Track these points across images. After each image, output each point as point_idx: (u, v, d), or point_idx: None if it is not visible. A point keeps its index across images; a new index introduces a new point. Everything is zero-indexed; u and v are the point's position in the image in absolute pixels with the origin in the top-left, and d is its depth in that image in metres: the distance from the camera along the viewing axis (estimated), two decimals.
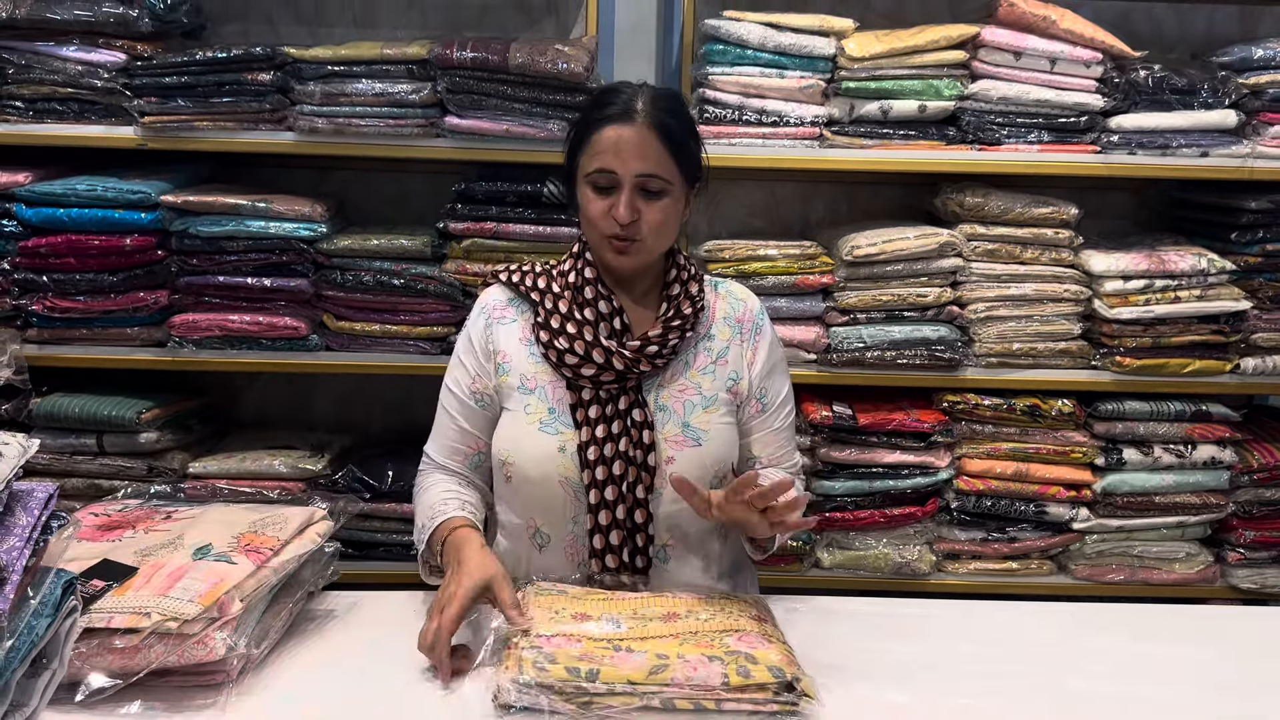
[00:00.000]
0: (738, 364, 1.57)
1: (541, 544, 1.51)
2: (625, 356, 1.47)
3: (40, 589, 0.98)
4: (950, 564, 2.42)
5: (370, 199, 2.59)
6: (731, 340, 1.58)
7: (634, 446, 1.46)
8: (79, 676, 1.14)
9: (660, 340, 1.50)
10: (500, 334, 1.55)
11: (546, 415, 1.49)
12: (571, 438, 1.47)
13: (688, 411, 1.51)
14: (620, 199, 1.45)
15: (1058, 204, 2.35)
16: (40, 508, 1.00)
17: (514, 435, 1.50)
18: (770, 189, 2.67)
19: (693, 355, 1.55)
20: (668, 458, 1.48)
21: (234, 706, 1.19)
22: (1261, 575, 2.40)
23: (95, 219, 2.23)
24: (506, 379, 1.52)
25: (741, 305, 1.62)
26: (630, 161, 1.44)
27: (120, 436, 2.31)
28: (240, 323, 2.28)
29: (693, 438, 1.50)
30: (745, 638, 1.26)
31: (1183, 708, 1.26)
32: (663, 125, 1.45)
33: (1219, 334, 2.34)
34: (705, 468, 1.49)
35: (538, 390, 1.50)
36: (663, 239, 1.50)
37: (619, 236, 1.46)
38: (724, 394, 1.55)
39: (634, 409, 1.48)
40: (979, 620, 1.52)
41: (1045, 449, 2.37)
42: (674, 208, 1.49)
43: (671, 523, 1.50)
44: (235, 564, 1.26)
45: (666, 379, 1.53)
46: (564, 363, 1.49)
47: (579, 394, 1.48)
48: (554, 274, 1.57)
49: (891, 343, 2.33)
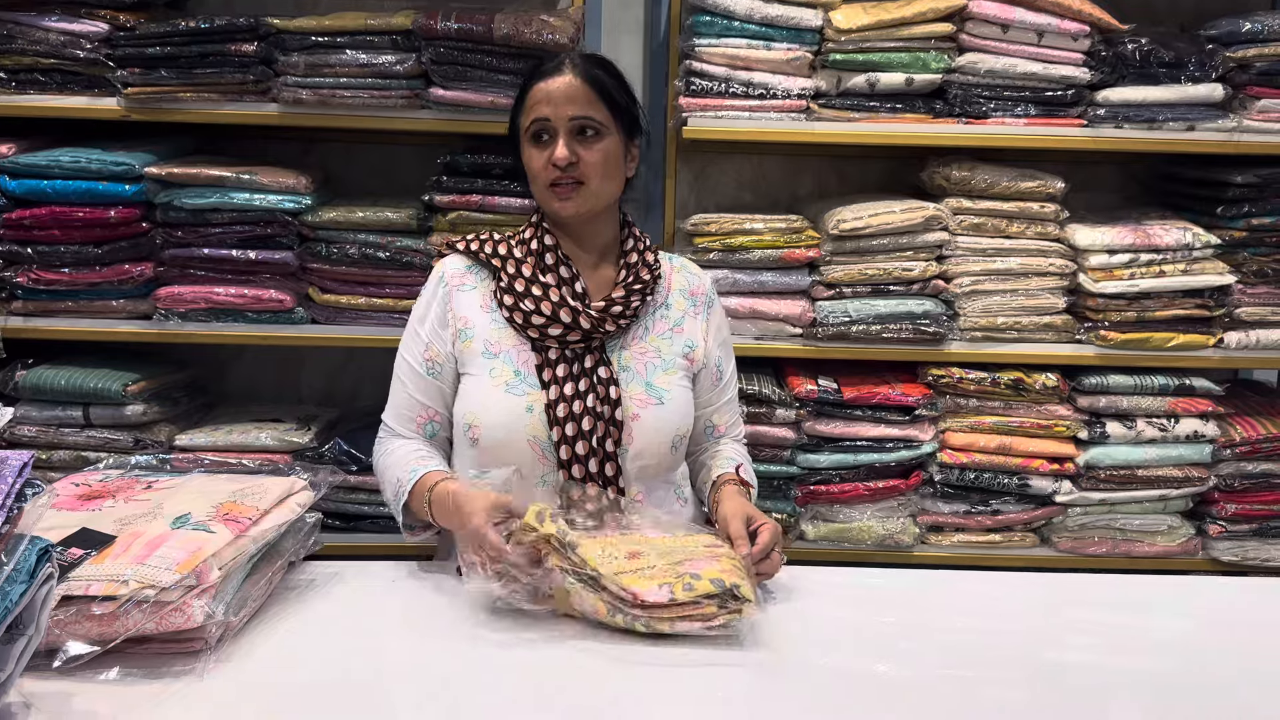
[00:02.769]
0: (693, 333, 1.64)
1: None
2: (591, 316, 1.53)
3: (14, 555, 0.99)
4: (933, 536, 2.44)
5: (355, 171, 2.58)
6: (687, 311, 1.65)
7: (601, 402, 1.51)
8: (57, 644, 1.15)
9: (624, 301, 1.56)
10: (461, 301, 1.58)
11: (512, 378, 1.53)
12: (538, 398, 1.51)
13: (649, 372, 1.58)
14: (557, 144, 1.52)
15: (1044, 177, 2.35)
16: (14, 475, 1.00)
17: (480, 398, 1.53)
18: (757, 162, 2.67)
19: (652, 321, 1.62)
20: (633, 415, 1.53)
21: (213, 673, 1.19)
22: (1242, 548, 2.42)
23: (79, 191, 2.23)
24: (470, 344, 1.55)
25: (696, 279, 1.70)
26: (562, 107, 1.52)
27: (106, 409, 2.31)
28: (226, 295, 2.28)
29: (655, 397, 1.56)
30: (695, 563, 1.32)
31: (1162, 678, 1.26)
32: (591, 75, 1.55)
33: (1203, 308, 2.35)
34: (667, 427, 1.56)
35: (502, 355, 1.54)
36: (605, 183, 1.55)
37: (560, 181, 1.52)
38: (681, 360, 1.62)
39: (599, 367, 1.53)
40: (960, 591, 1.53)
41: (1029, 423, 2.38)
42: (612, 151, 1.55)
43: (638, 477, 1.55)
44: (214, 533, 1.26)
45: (628, 341, 1.59)
46: (530, 324, 1.53)
47: (544, 355, 1.53)
48: (513, 242, 1.61)
49: (877, 317, 2.34)
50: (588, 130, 1.53)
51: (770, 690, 1.20)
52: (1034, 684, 1.24)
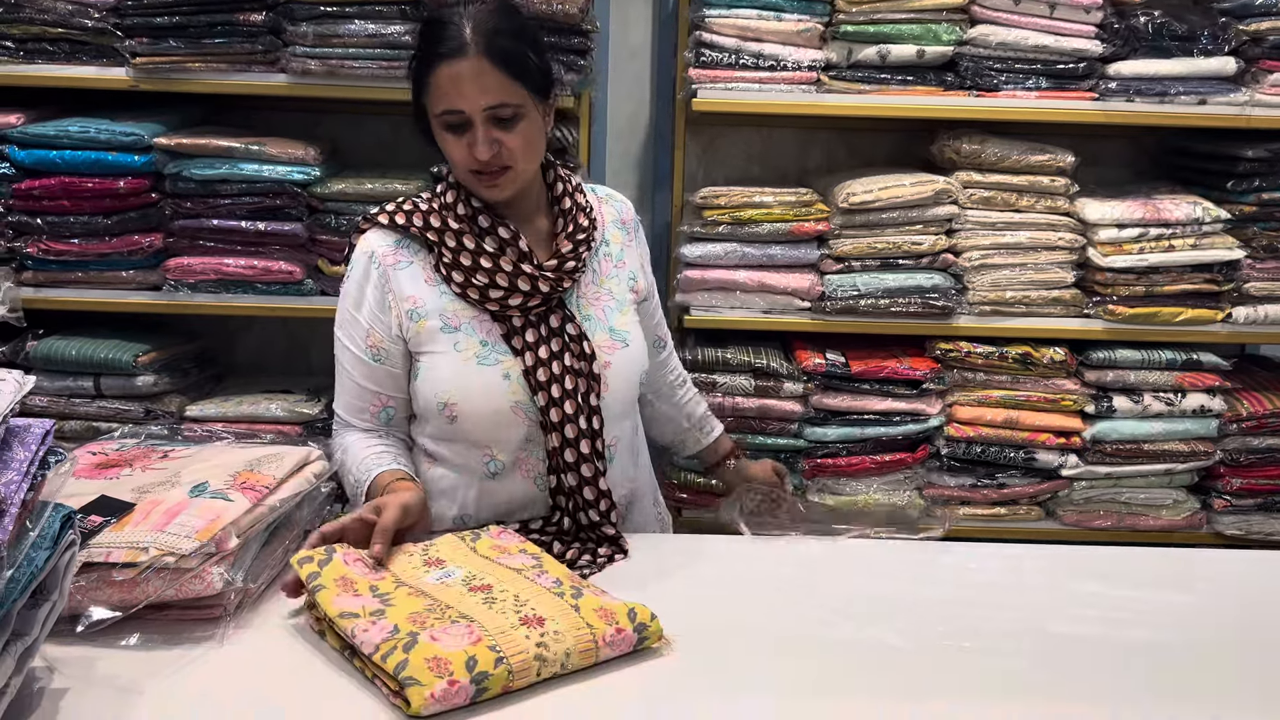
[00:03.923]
0: (633, 263, 1.63)
1: (495, 470, 1.52)
2: (549, 278, 1.48)
3: (39, 522, 1.00)
4: (939, 510, 2.45)
5: (364, 143, 2.57)
6: (624, 243, 1.64)
7: (577, 359, 1.49)
8: (79, 609, 1.16)
9: (574, 255, 1.52)
10: (400, 279, 1.49)
11: (480, 349, 1.48)
12: (513, 364, 1.47)
13: (609, 316, 1.56)
14: (475, 137, 1.41)
15: (1054, 151, 2.34)
16: (37, 443, 1.01)
17: (451, 375, 1.47)
18: (766, 135, 2.66)
19: (598, 263, 1.59)
20: (605, 363, 1.52)
21: (231, 639, 1.21)
22: (1247, 522, 2.43)
23: (88, 161, 2.22)
24: (425, 323, 1.48)
25: (622, 206, 1.67)
26: (474, 97, 1.40)
27: (117, 379, 2.32)
28: (235, 267, 2.29)
29: (620, 340, 1.56)
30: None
31: (1165, 651, 1.27)
32: (497, 50, 1.40)
33: (1212, 283, 2.35)
34: (635, 367, 1.56)
35: (463, 327, 1.49)
36: (529, 161, 1.48)
37: (485, 170, 1.44)
38: (629, 294, 1.61)
39: (566, 324, 1.50)
40: (965, 563, 1.54)
41: (1036, 396, 2.39)
42: (533, 127, 1.45)
43: (616, 424, 1.56)
44: (231, 501, 1.27)
45: (583, 290, 1.56)
46: (488, 298, 1.48)
47: (508, 323, 1.49)
48: (439, 208, 1.51)
49: (885, 291, 2.34)
50: (505, 116, 1.42)
51: (772, 661, 1.21)
52: (1036, 655, 1.25)
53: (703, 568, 1.48)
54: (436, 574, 1.28)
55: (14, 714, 1.02)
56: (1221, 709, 1.13)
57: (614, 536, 1.50)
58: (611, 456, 1.55)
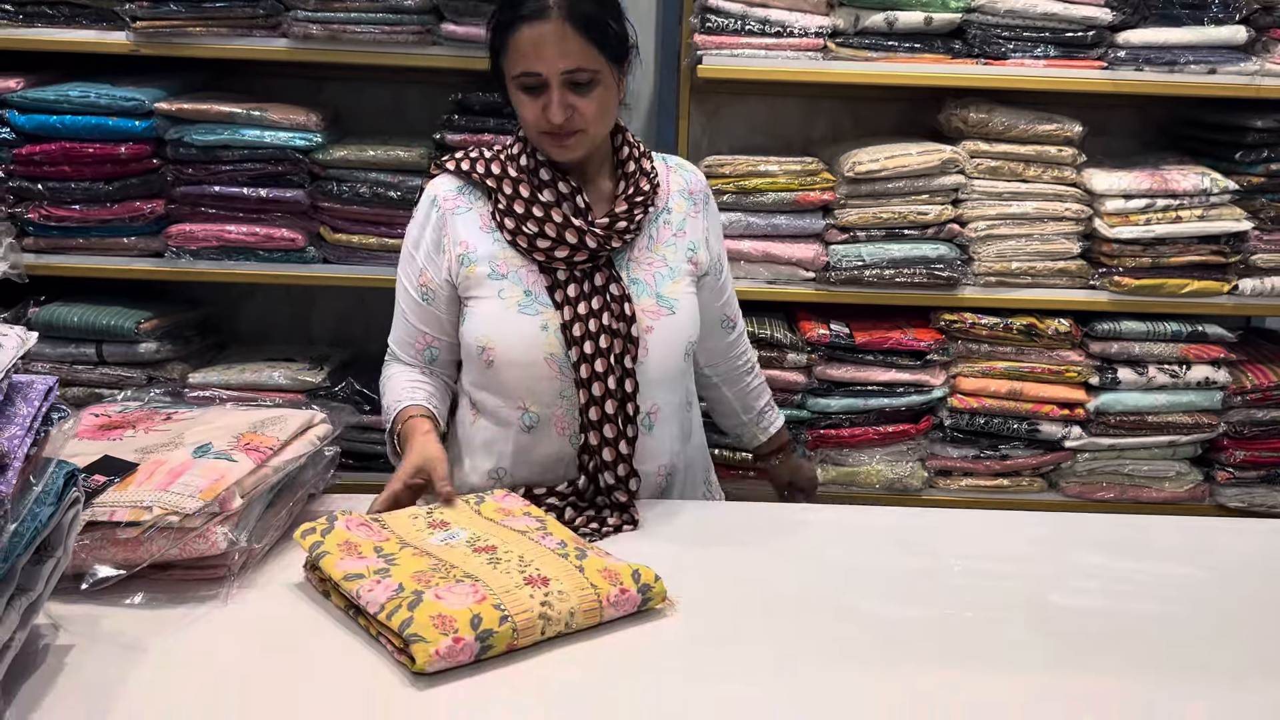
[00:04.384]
0: (695, 235, 1.63)
1: (530, 424, 1.53)
2: (597, 235, 1.50)
3: (43, 478, 1.00)
4: (941, 480, 2.45)
5: (366, 109, 2.56)
6: (688, 213, 1.63)
7: (615, 319, 1.49)
8: (83, 568, 1.16)
9: (628, 216, 1.52)
10: (457, 224, 1.55)
11: (523, 298, 1.51)
12: (552, 317, 1.49)
13: (658, 283, 1.56)
14: (551, 99, 1.44)
15: (1062, 121, 2.32)
16: (40, 399, 1.01)
17: (492, 321, 1.51)
18: (771, 104, 2.64)
19: (655, 229, 1.59)
20: (647, 328, 1.53)
21: (235, 599, 1.21)
22: (1250, 494, 2.43)
23: (89, 126, 2.21)
24: (474, 269, 1.52)
25: (692, 177, 1.67)
26: (553, 61, 1.42)
27: (120, 346, 2.32)
28: (237, 234, 2.28)
29: (667, 307, 1.55)
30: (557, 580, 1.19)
31: (1168, 623, 1.26)
32: (579, 16, 1.42)
33: (1219, 254, 2.34)
34: (680, 337, 1.56)
35: (510, 275, 1.52)
36: (601, 125, 1.51)
37: (556, 132, 1.47)
38: (686, 265, 1.60)
39: (611, 284, 1.51)
40: (969, 531, 1.54)
41: (1040, 368, 2.38)
42: (607, 94, 1.49)
43: (654, 391, 1.55)
44: (235, 461, 1.27)
45: (635, 254, 1.56)
46: (536, 247, 1.50)
47: (553, 276, 1.51)
48: (504, 159, 1.56)
49: (890, 261, 2.33)
50: (582, 81, 1.45)
51: (774, 626, 1.21)
52: (1037, 626, 1.24)
53: (710, 533, 1.48)
54: (441, 535, 1.28)
55: (19, 669, 1.03)
56: (1225, 680, 1.13)
57: (626, 504, 1.50)
58: (650, 425, 1.55)
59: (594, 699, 1.06)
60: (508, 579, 1.16)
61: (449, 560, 1.21)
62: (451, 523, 1.32)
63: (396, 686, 1.05)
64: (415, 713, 1.01)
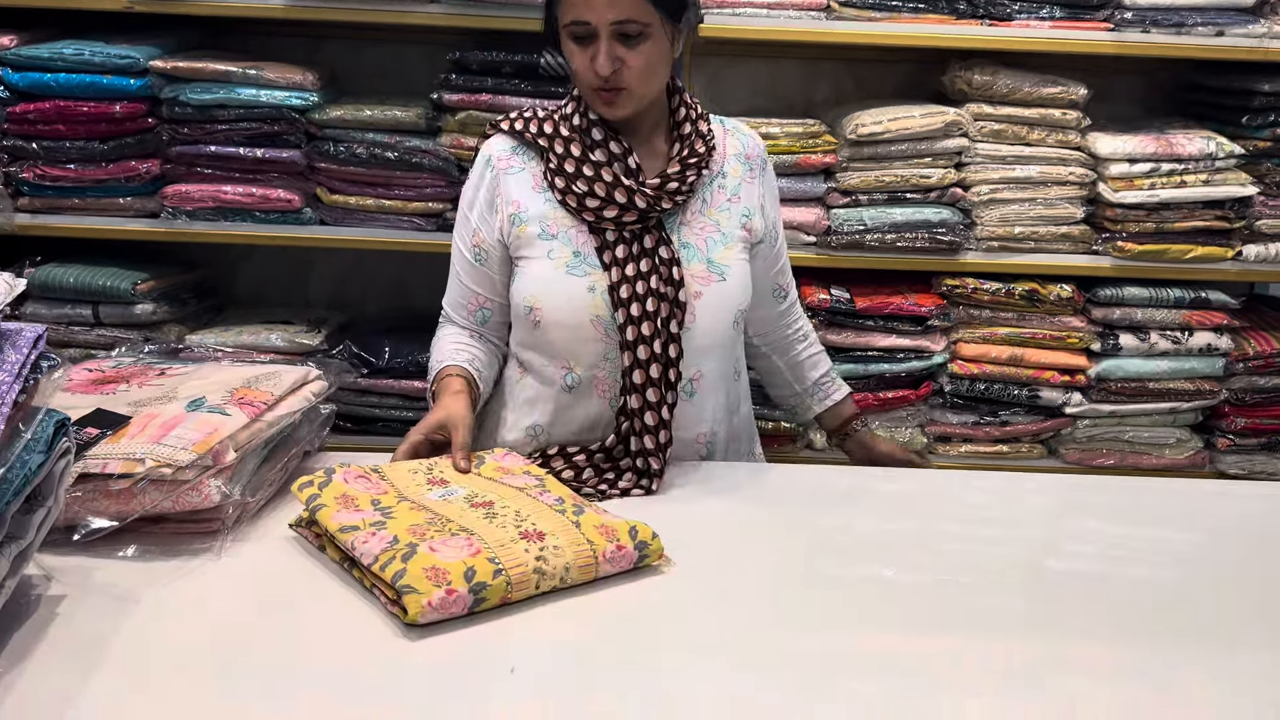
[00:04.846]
0: (750, 200, 1.59)
1: (573, 384, 1.53)
2: (647, 195, 1.47)
3: (32, 425, 0.99)
4: (941, 446, 2.44)
5: (363, 70, 2.53)
6: (743, 178, 1.59)
7: (664, 283, 1.47)
8: (76, 520, 1.15)
9: (680, 177, 1.49)
10: (510, 184, 1.54)
11: (572, 259, 1.49)
12: (600, 278, 1.48)
13: (710, 248, 1.53)
14: (599, 49, 1.42)
15: (1067, 84, 2.30)
16: (29, 346, 1.00)
17: (541, 281, 1.50)
18: (773, 66, 2.61)
19: (709, 193, 1.56)
20: (695, 293, 1.50)
21: (229, 552, 1.21)
22: (1250, 461, 2.42)
23: (83, 84, 2.19)
24: (525, 229, 1.51)
25: (750, 141, 1.64)
26: (602, 10, 1.40)
27: (116, 307, 2.30)
28: (233, 194, 2.26)
29: (717, 273, 1.52)
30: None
31: (1161, 588, 1.25)
32: None
33: (1223, 220, 2.32)
34: (730, 303, 1.53)
35: (560, 235, 1.51)
36: (651, 83, 1.48)
37: (604, 88, 1.45)
38: (739, 231, 1.57)
39: (660, 247, 1.49)
40: (968, 496, 1.52)
41: (1042, 334, 2.37)
42: (657, 50, 1.45)
43: (700, 358, 1.53)
44: (229, 415, 1.26)
45: (687, 217, 1.54)
46: (585, 206, 1.48)
47: (603, 237, 1.49)
48: (558, 118, 1.54)
49: (892, 225, 2.31)
50: (631, 34, 1.42)
51: (772, 586, 1.20)
52: (1034, 592, 1.23)
53: (715, 495, 1.47)
54: (439, 492, 1.27)
55: (10, 618, 1.02)
56: (1220, 645, 1.12)
57: (652, 470, 1.47)
58: (692, 392, 1.53)
59: (587, 654, 1.05)
60: (503, 533, 1.16)
61: (445, 515, 1.20)
62: (450, 480, 1.31)
63: (389, 637, 1.04)
64: (407, 663, 1.01)
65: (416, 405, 2.34)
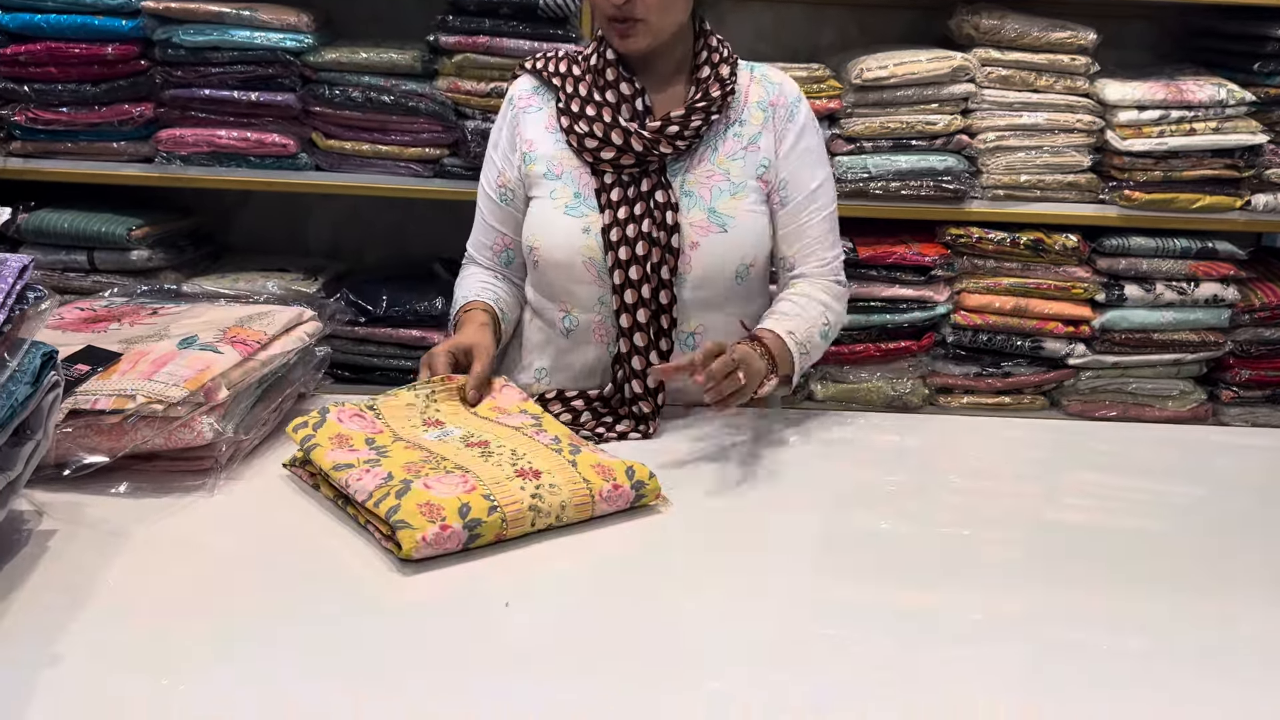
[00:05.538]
0: (768, 150, 1.52)
1: (570, 327, 1.52)
2: (644, 137, 1.45)
3: (17, 355, 0.97)
4: (942, 398, 2.43)
5: (359, 14, 2.47)
6: (764, 126, 1.52)
7: (656, 228, 1.45)
8: (67, 456, 1.15)
9: (682, 121, 1.46)
10: (527, 123, 1.54)
11: (572, 199, 1.49)
12: (595, 220, 1.47)
13: (714, 197, 1.49)
14: None
15: (1076, 28, 2.25)
16: (14, 276, 0.98)
17: (540, 220, 1.50)
18: (777, 11, 2.56)
19: (722, 140, 1.51)
20: (692, 242, 1.47)
21: (222, 489, 1.20)
22: (1253, 414, 2.41)
23: (75, 25, 2.15)
24: (534, 167, 1.51)
25: (776, 89, 1.55)
26: None
27: (112, 254, 2.28)
28: (228, 139, 2.22)
29: (718, 224, 1.48)
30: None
31: (1160, 539, 1.25)
32: None
33: (1233, 168, 2.28)
34: (731, 255, 1.49)
35: (564, 175, 1.50)
36: (666, 16, 1.44)
37: (619, 18, 1.42)
38: (753, 181, 1.51)
39: (656, 191, 1.46)
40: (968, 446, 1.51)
41: (1046, 284, 2.34)
42: None
43: (700, 309, 1.50)
44: (221, 353, 1.25)
45: (693, 164, 1.50)
46: (584, 147, 1.47)
47: (602, 178, 1.48)
48: (578, 59, 1.53)
49: (897, 173, 2.27)
50: None
51: (767, 530, 1.20)
52: (1035, 543, 1.22)
53: (710, 437, 1.45)
54: (435, 433, 1.26)
55: (1, 552, 1.01)
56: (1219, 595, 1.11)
57: (647, 415, 1.45)
58: (693, 345, 1.49)
59: (582, 590, 1.05)
60: (498, 471, 1.15)
61: (440, 453, 1.19)
62: (446, 421, 1.30)
63: (383, 572, 1.04)
64: (401, 598, 1.00)
65: (414, 354, 2.32)
